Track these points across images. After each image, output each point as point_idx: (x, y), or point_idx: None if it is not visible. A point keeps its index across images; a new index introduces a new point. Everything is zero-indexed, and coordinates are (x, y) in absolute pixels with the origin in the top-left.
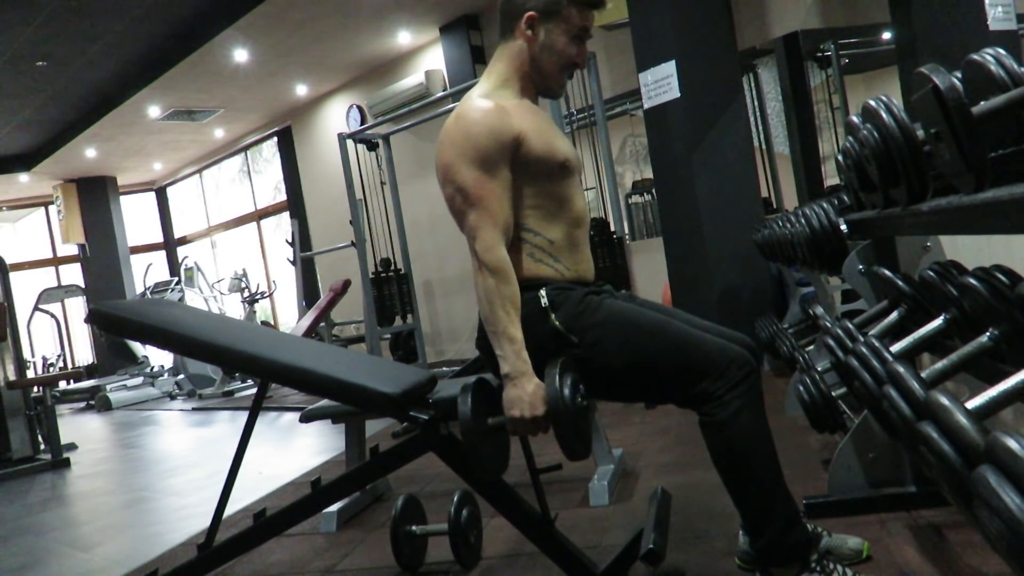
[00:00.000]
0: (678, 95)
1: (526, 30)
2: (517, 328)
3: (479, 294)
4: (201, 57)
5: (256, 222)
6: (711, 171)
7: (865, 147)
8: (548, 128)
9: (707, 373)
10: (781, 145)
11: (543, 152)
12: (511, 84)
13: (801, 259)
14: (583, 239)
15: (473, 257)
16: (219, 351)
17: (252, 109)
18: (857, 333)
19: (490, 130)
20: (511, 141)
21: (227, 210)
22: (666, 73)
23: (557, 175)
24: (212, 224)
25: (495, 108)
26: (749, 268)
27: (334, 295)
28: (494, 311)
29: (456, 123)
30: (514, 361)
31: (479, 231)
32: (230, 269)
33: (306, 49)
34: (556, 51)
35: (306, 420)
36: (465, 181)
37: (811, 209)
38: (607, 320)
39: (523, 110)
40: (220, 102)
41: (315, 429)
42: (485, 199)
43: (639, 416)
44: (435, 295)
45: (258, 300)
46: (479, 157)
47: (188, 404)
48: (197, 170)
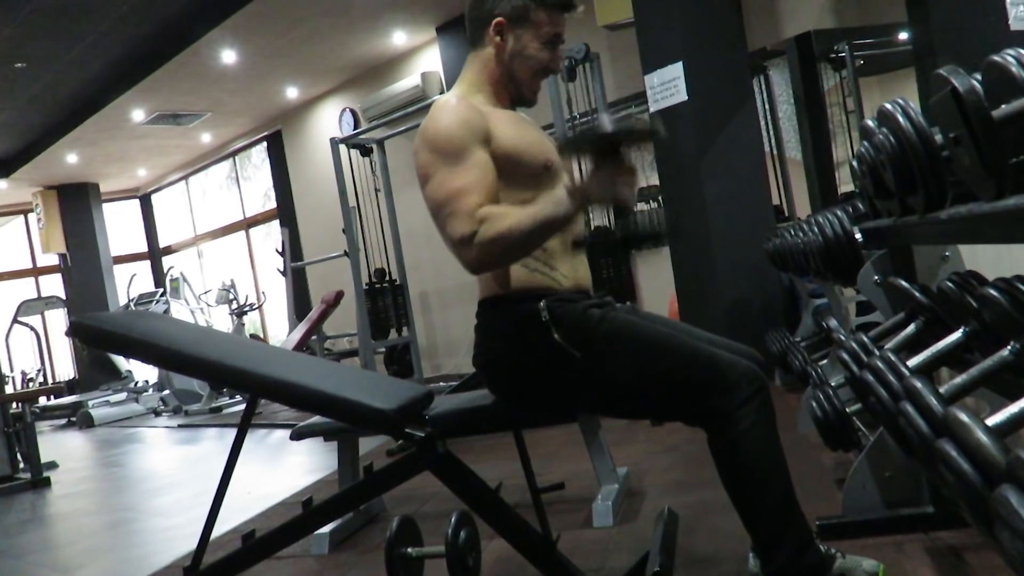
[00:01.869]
0: (685, 98)
1: (495, 36)
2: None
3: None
4: (187, 58)
5: (245, 231)
6: (720, 177)
7: (881, 152)
8: (527, 130)
9: (716, 389)
10: (793, 150)
11: (518, 152)
12: (484, 91)
13: (814, 269)
14: None
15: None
16: (206, 365)
17: (241, 113)
18: (872, 347)
19: (459, 119)
20: (482, 131)
21: (214, 218)
22: (673, 75)
23: (541, 177)
24: (199, 233)
25: (464, 102)
26: (759, 279)
27: (326, 307)
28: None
29: (426, 124)
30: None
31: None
32: (217, 280)
33: (297, 50)
34: (527, 57)
35: (297, 437)
36: (438, 176)
37: (824, 217)
38: (610, 335)
39: (497, 114)
40: (207, 105)
41: (306, 447)
42: (461, 189)
43: (645, 433)
44: (431, 307)
45: (247, 312)
46: (448, 147)
47: (174, 421)
48: (183, 176)
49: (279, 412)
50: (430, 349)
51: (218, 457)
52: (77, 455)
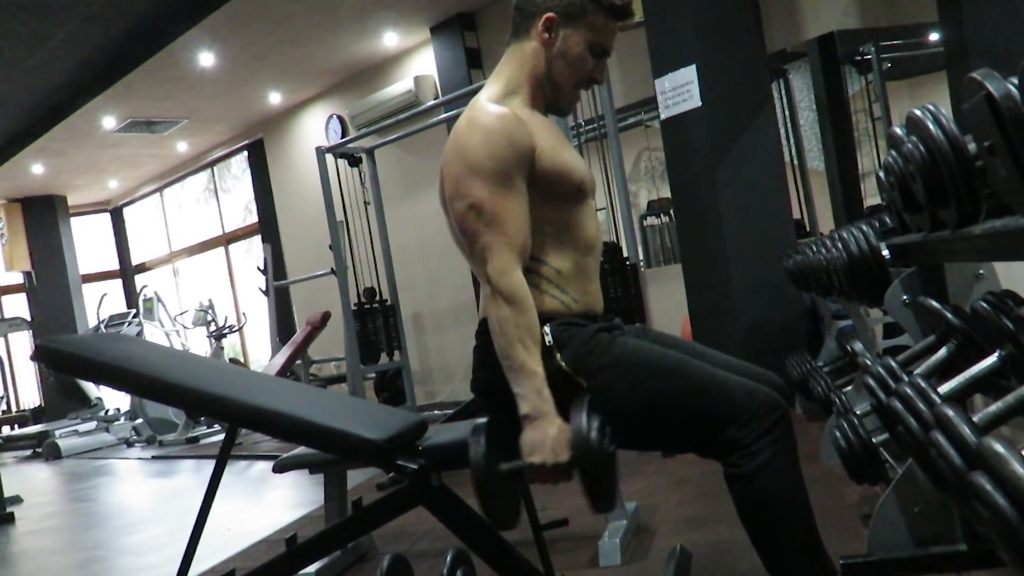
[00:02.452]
0: (699, 104)
1: (543, 33)
2: (537, 362)
3: (492, 325)
4: (162, 61)
5: (224, 247)
6: (736, 189)
7: (910, 162)
8: (563, 145)
9: (732, 418)
10: (815, 160)
11: (559, 171)
12: (521, 91)
13: (838, 289)
14: (593, 268)
15: (485, 283)
16: (182, 392)
17: (219, 120)
18: (901, 372)
19: (507, 138)
20: (528, 153)
21: (191, 233)
22: (685, 79)
23: (572, 198)
24: (174, 249)
25: (511, 114)
26: (779, 299)
27: (312, 329)
28: (511, 344)
29: (468, 130)
30: (534, 400)
31: (492, 253)
32: (194, 300)
33: (280, 52)
34: (572, 61)
35: (280, 470)
36: (480, 196)
37: (849, 232)
38: (619, 360)
39: (535, 121)
40: (183, 112)
41: (290, 480)
42: (501, 217)
43: (655, 465)
44: (426, 329)
45: (226, 335)
46: (496, 169)
47: (147, 452)
48: (157, 188)
49: (261, 443)
50: (424, 374)
51: (195, 491)
52: (43, 489)
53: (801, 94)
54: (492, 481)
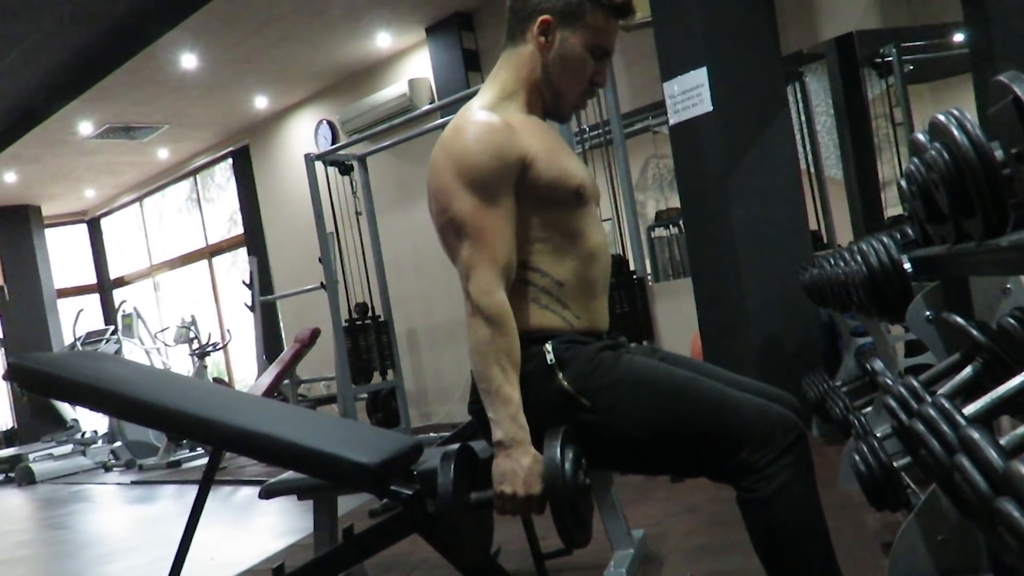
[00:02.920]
0: (710, 108)
1: (539, 36)
2: (514, 388)
3: (471, 345)
4: (142, 63)
5: (207, 260)
6: (749, 199)
7: (933, 170)
8: (560, 149)
9: (746, 441)
10: (833, 168)
11: (554, 177)
12: (517, 96)
13: (857, 304)
14: (599, 281)
15: (466, 300)
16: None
17: (202, 125)
18: (924, 392)
19: (493, 149)
20: (517, 163)
21: (173, 246)
22: (696, 82)
23: (571, 204)
24: (155, 262)
25: (500, 124)
26: (795, 315)
27: (300, 347)
28: (487, 366)
29: (453, 139)
30: (508, 426)
31: (474, 270)
32: (176, 316)
33: (267, 54)
34: (571, 64)
35: (267, 496)
36: (461, 209)
37: (869, 244)
38: (625, 379)
39: (531, 127)
40: (164, 117)
41: (277, 507)
42: (484, 232)
43: (664, 491)
44: (421, 347)
45: (209, 353)
46: (479, 181)
47: (126, 476)
48: (137, 198)
49: (246, 467)
50: (419, 395)
51: (177, 518)
52: (15, 516)
53: (818, 98)
54: (458, 511)
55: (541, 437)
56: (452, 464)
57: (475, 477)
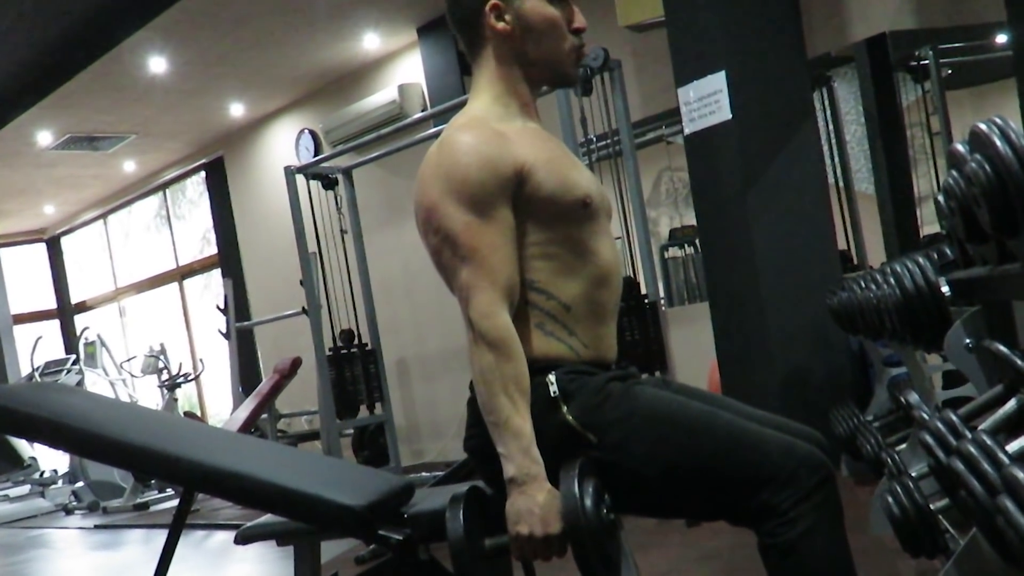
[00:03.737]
0: (729, 116)
1: (496, 24)
2: (525, 418)
3: (475, 374)
4: (106, 67)
5: (178, 283)
6: (772, 216)
7: (974, 184)
8: (562, 156)
9: (768, 481)
10: (864, 182)
11: (555, 187)
12: (507, 101)
13: (890, 331)
14: (609, 305)
15: (467, 326)
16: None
17: (173, 135)
18: (963, 427)
19: (485, 161)
20: (512, 174)
21: (140, 267)
22: (714, 88)
23: (577, 216)
24: (120, 285)
25: (491, 133)
26: (822, 343)
27: (280, 378)
28: (494, 396)
29: (440, 153)
30: (521, 461)
31: (473, 292)
32: (144, 344)
33: (243, 57)
34: (543, 27)
35: (243, 541)
36: (454, 227)
37: (903, 266)
38: (635, 413)
39: (528, 135)
40: (131, 126)
41: (255, 553)
42: (480, 250)
43: (679, 535)
44: (412, 378)
45: (180, 384)
46: (471, 196)
47: (89, 520)
48: (101, 215)
49: (221, 509)
50: (410, 430)
51: (144, 566)
52: None
53: (848, 105)
54: (474, 559)
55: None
56: (462, 507)
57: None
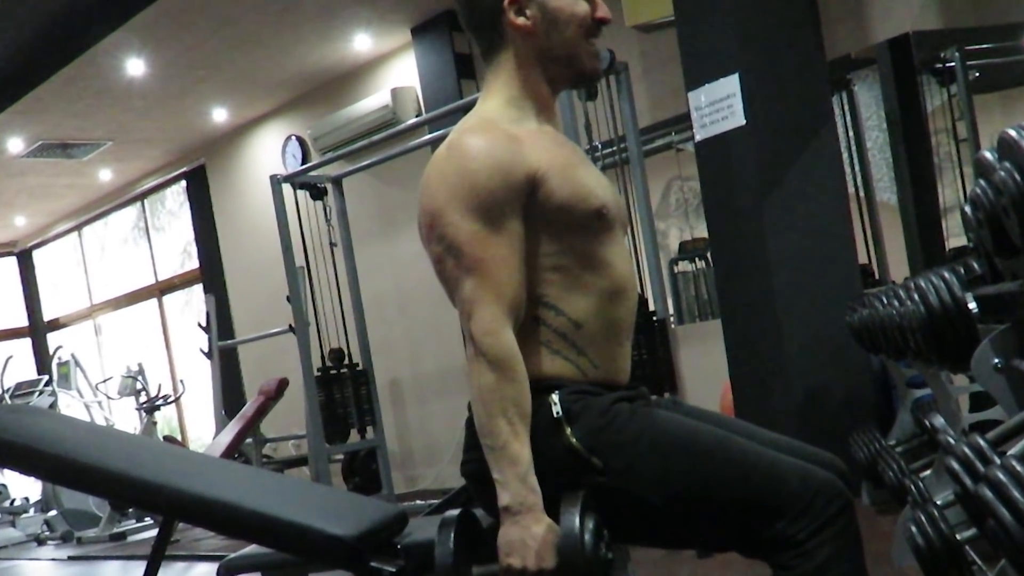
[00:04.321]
0: (743, 122)
1: (516, 20)
2: (524, 444)
3: (473, 393)
4: (80, 70)
5: (157, 299)
6: (789, 228)
7: (1003, 194)
8: (578, 163)
9: (784, 510)
10: (886, 192)
11: (569, 195)
12: (524, 103)
13: (914, 350)
14: (625, 324)
15: (468, 342)
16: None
17: (151, 142)
18: (992, 453)
19: (496, 166)
20: (524, 181)
21: (117, 282)
22: (726, 92)
23: (591, 228)
24: (96, 302)
25: (502, 136)
26: (841, 363)
27: (265, 400)
28: (492, 418)
29: (448, 156)
30: (517, 489)
31: (476, 306)
32: (121, 364)
33: (226, 59)
34: (566, 19)
35: (227, 573)
36: (459, 236)
37: (928, 281)
38: (643, 436)
39: (542, 139)
40: (107, 132)
41: None
42: (486, 262)
43: (689, 567)
44: (406, 400)
45: (159, 407)
46: (479, 204)
47: (63, 551)
48: (75, 227)
49: (202, 539)
50: (403, 455)
51: None
52: None
53: (869, 110)
54: None
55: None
56: (452, 533)
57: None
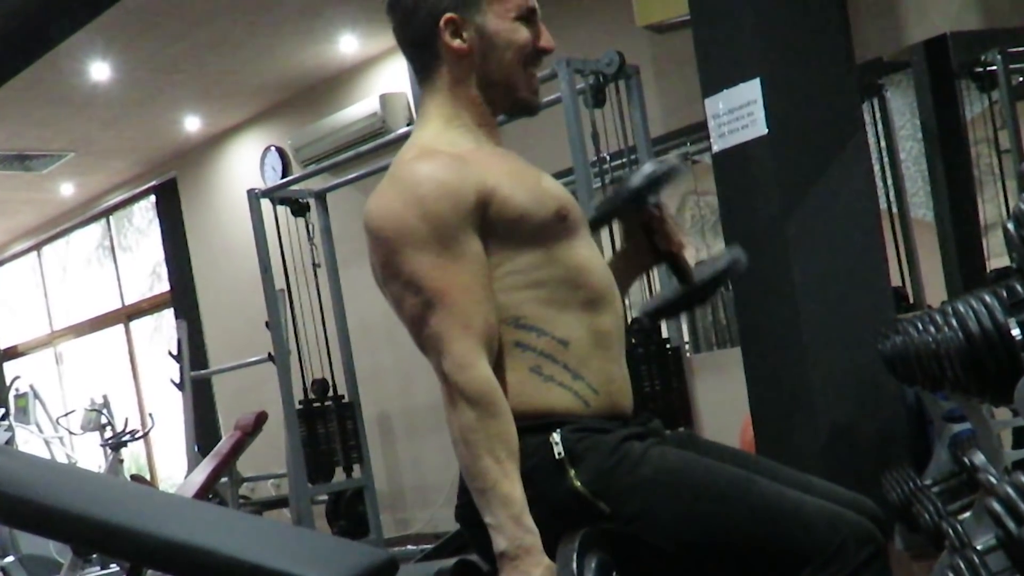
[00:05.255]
0: (764, 131)
1: (452, 42)
2: (514, 482)
3: (454, 436)
4: (39, 75)
5: (124, 324)
6: (815, 247)
7: None
8: (525, 171)
9: (810, 557)
10: (921, 207)
11: (525, 200)
12: (459, 124)
13: (951, 381)
14: (614, 332)
15: (441, 383)
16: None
17: (117, 153)
18: None
19: (442, 189)
20: (475, 199)
21: (80, 307)
22: (747, 98)
23: (555, 233)
24: (57, 328)
25: (445, 159)
26: (872, 395)
27: (242, 436)
28: (478, 460)
29: (391, 188)
30: (512, 531)
31: (445, 342)
32: (84, 396)
33: (199, 62)
34: (504, 45)
35: None
36: (415, 270)
37: (967, 305)
38: (656, 478)
39: (484, 156)
40: (69, 142)
41: None
42: (449, 293)
43: None
44: (395, 436)
45: (126, 443)
46: (432, 232)
47: None
48: (34, 246)
49: None
50: (393, 496)
51: None
52: None
53: (903, 118)
54: None
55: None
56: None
57: None
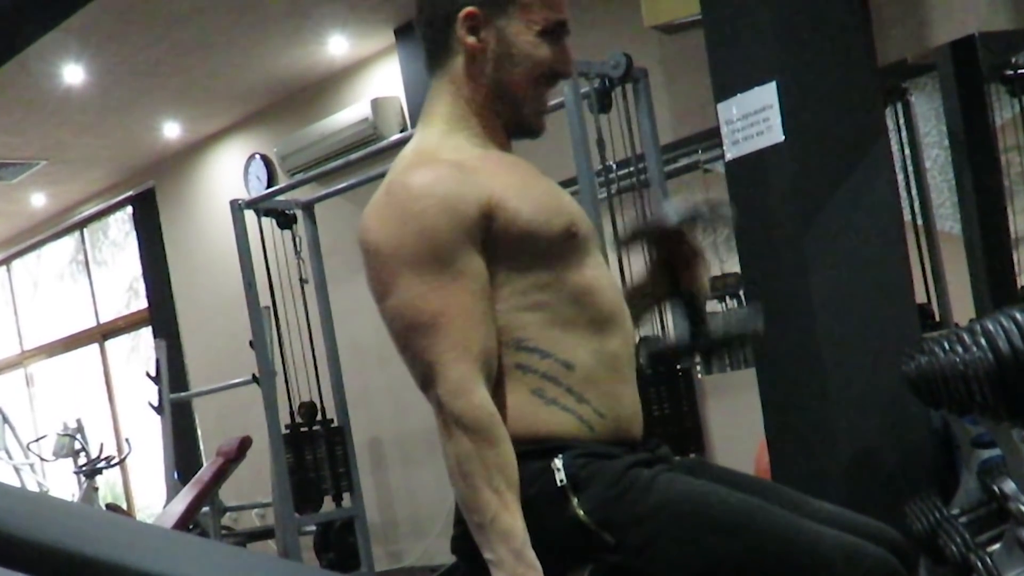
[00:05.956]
0: (781, 138)
1: (468, 37)
2: (515, 515)
3: (449, 466)
4: (9, 78)
5: (99, 344)
6: (834, 261)
7: None
8: (535, 182)
9: None
10: (948, 219)
11: (533, 216)
12: (465, 125)
13: (980, 404)
14: (623, 355)
15: (436, 411)
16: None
17: (92, 161)
18: None
19: (442, 203)
20: (477, 212)
21: (52, 325)
22: (762, 103)
23: (564, 251)
24: (27, 348)
25: (445, 168)
26: (896, 418)
27: (225, 462)
28: (476, 492)
29: (388, 201)
30: (513, 566)
31: (440, 367)
32: (57, 420)
33: (179, 65)
34: (521, 57)
35: None
36: (410, 291)
37: (996, 323)
38: (665, 507)
39: (490, 163)
40: (40, 150)
41: None
42: (446, 315)
43: None
44: (388, 462)
45: (101, 470)
46: (430, 249)
47: None
48: (3, 260)
49: None
50: (385, 527)
51: None
52: None
53: (928, 124)
54: None
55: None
56: None
57: None
